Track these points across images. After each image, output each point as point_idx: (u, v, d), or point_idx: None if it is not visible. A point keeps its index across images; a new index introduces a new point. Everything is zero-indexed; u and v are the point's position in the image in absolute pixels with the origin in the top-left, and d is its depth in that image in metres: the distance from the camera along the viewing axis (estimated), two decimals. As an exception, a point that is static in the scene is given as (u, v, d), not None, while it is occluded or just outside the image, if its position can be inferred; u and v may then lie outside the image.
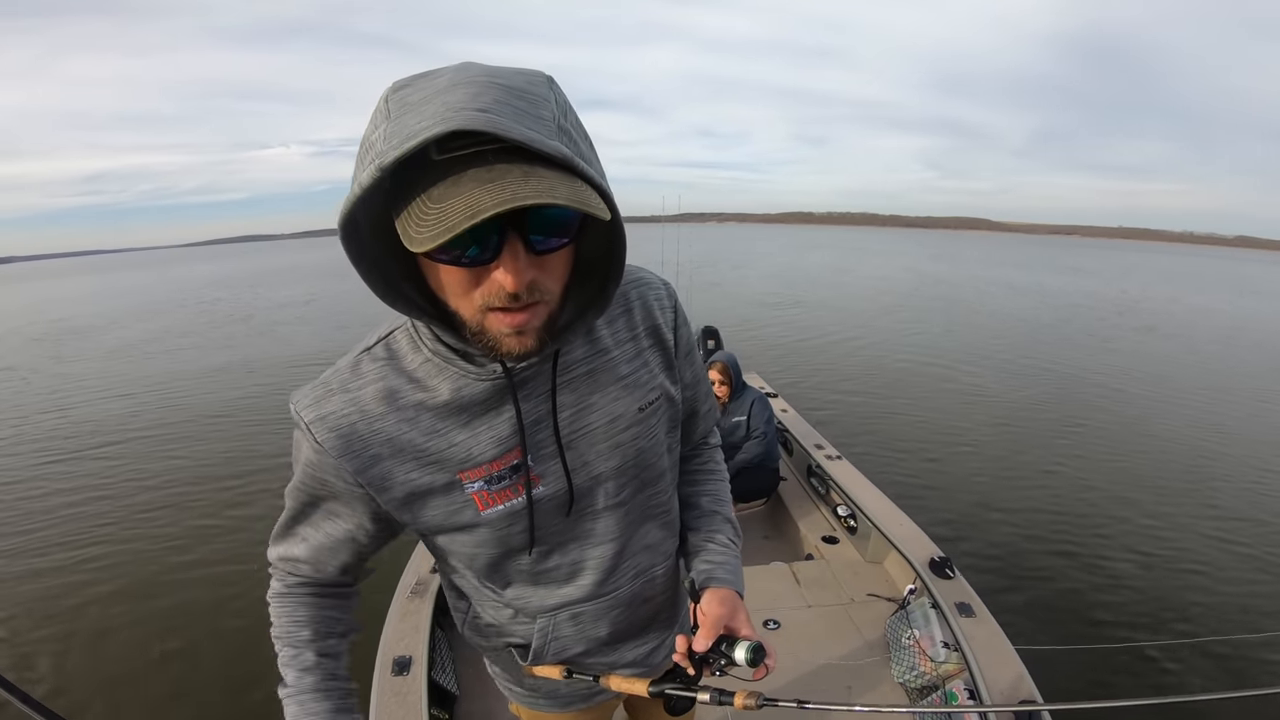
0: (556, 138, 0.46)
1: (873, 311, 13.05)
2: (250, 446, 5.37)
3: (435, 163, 0.44)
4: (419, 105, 0.43)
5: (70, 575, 3.39)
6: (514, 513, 0.66)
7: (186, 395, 7.21)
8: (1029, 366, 8.15)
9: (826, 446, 3.19)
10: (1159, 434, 5.63)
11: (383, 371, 0.61)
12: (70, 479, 4.76)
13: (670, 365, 0.74)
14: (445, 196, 0.43)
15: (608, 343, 0.67)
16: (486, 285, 0.49)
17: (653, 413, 0.71)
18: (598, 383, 0.66)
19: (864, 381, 7.15)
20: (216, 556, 3.56)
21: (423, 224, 0.43)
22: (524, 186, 0.42)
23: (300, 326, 12.62)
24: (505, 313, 0.50)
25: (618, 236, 0.55)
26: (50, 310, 19.65)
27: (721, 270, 22.83)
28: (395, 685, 1.60)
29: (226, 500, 4.28)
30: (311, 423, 0.60)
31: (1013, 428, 5.70)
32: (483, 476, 0.63)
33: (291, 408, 0.62)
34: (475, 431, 0.62)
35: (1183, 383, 7.57)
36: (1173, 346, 10.14)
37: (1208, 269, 38.02)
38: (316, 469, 0.63)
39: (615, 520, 0.72)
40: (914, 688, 1.82)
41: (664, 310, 0.72)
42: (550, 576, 0.73)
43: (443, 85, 0.44)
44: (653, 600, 0.82)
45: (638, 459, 0.70)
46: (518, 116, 0.44)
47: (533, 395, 0.63)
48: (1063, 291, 18.64)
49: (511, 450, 0.63)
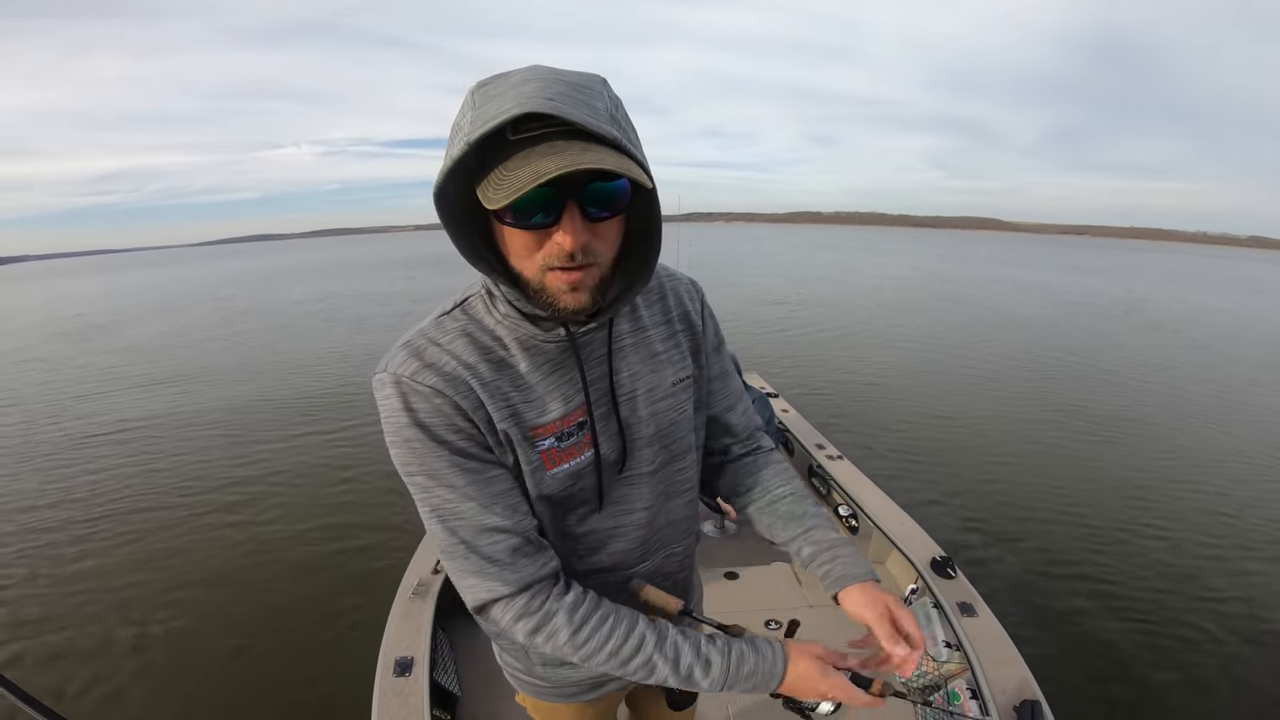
0: (609, 125, 0.55)
1: (872, 308, 13.05)
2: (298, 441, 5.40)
3: (510, 142, 0.53)
4: (498, 96, 0.53)
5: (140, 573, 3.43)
6: (577, 472, 0.71)
7: (225, 388, 7.33)
8: (1031, 366, 8.13)
9: (828, 446, 3.19)
10: (1163, 434, 5.60)
11: (467, 328, 0.68)
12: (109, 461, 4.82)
13: (698, 350, 0.82)
14: (518, 166, 0.52)
15: (646, 321, 0.77)
16: (548, 247, 0.58)
17: (683, 388, 0.79)
18: (640, 354, 0.75)
19: (865, 380, 7.14)
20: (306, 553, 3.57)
21: (499, 187, 0.52)
22: (581, 156, 0.51)
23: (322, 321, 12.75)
24: (564, 271, 0.58)
25: (655, 217, 0.65)
26: (68, 307, 19.96)
27: (728, 270, 22.87)
28: (397, 686, 1.60)
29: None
30: (414, 374, 0.63)
31: (1014, 427, 5.68)
32: (554, 433, 0.69)
33: (383, 375, 0.64)
34: (548, 390, 0.68)
35: (1186, 382, 7.53)
36: (1179, 345, 10.10)
37: (1215, 269, 37.67)
38: (435, 416, 0.63)
39: (649, 488, 0.78)
40: (916, 687, 1.82)
41: (693, 300, 0.83)
42: (586, 541, 0.77)
43: (517, 80, 0.54)
44: (670, 577, 0.85)
45: (671, 429, 0.78)
46: (578, 105, 0.53)
47: (591, 358, 0.70)
48: (1068, 290, 18.59)
49: (578, 408, 0.70)
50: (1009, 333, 10.66)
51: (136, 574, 3.42)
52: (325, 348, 9.78)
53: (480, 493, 0.65)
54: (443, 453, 0.64)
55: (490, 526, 0.65)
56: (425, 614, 1.88)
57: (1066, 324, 11.86)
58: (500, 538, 0.66)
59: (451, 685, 1.80)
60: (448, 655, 1.90)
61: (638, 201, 0.60)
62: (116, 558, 3.60)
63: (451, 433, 0.64)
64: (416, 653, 1.71)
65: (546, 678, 0.88)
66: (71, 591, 3.27)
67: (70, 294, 27.56)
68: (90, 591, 3.27)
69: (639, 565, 0.80)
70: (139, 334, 12.36)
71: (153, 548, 3.70)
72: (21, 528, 4.01)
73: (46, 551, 3.68)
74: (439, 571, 2.09)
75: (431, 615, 1.88)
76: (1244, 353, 9.54)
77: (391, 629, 1.83)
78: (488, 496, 0.65)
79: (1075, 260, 38.81)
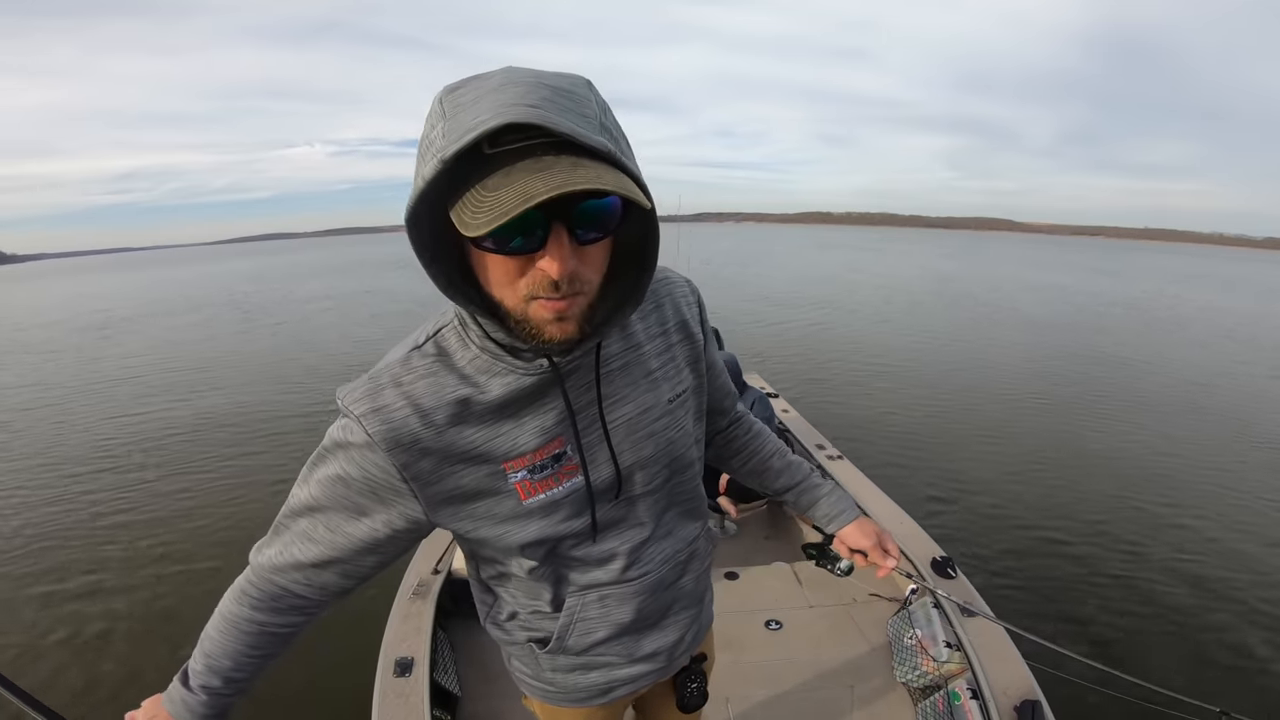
0: (600, 134, 0.49)
1: (873, 308, 13.04)
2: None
3: (488, 157, 0.47)
4: (472, 104, 0.47)
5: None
6: (554, 502, 0.68)
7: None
8: (1031, 366, 8.13)
9: (828, 446, 3.19)
10: (1167, 433, 5.60)
11: (433, 367, 0.63)
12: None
13: (697, 359, 0.79)
14: (499, 185, 0.46)
15: (640, 338, 0.72)
16: (531, 275, 0.52)
17: (680, 405, 0.76)
18: (631, 375, 0.70)
19: (866, 378, 7.14)
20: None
21: (479, 210, 0.46)
22: (573, 174, 0.45)
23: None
24: (549, 301, 0.53)
25: (651, 232, 0.58)
26: (95, 302, 20.35)
27: (735, 269, 22.88)
28: (397, 686, 1.60)
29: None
30: (364, 415, 0.60)
31: (1014, 427, 5.68)
32: (525, 466, 0.66)
33: (340, 401, 0.62)
34: (521, 423, 0.65)
35: (1189, 381, 7.54)
36: (1187, 345, 10.11)
37: (1224, 270, 37.32)
38: (360, 463, 0.62)
39: (647, 507, 0.76)
40: (917, 687, 1.82)
41: (690, 306, 0.78)
42: (582, 562, 0.76)
43: (493, 85, 0.48)
44: (675, 587, 0.84)
45: (668, 448, 0.75)
46: (564, 113, 0.47)
47: (576, 387, 0.66)
48: (1079, 290, 18.56)
49: (554, 440, 0.66)
50: (1011, 333, 10.65)
51: (135, 573, 3.43)
52: (334, 346, 9.86)
53: (344, 540, 0.66)
54: (347, 483, 0.64)
55: (320, 563, 0.68)
56: (425, 614, 1.88)
57: (1067, 324, 11.87)
58: (314, 575, 0.69)
59: (452, 685, 1.79)
60: (448, 655, 1.90)
61: (631, 216, 0.54)
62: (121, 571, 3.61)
63: (362, 494, 0.63)
64: (417, 653, 1.71)
65: (555, 683, 0.87)
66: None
67: (98, 290, 27.92)
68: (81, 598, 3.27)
69: (641, 579, 0.79)
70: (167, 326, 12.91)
71: (149, 548, 3.70)
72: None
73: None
74: (439, 571, 2.09)
75: (432, 615, 1.88)
76: (1247, 353, 9.57)
77: (392, 629, 1.83)
78: (345, 548, 0.67)
79: (1086, 261, 38.58)
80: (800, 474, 0.99)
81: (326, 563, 0.68)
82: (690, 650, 0.91)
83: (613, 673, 0.85)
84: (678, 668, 0.92)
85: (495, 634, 0.88)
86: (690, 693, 0.93)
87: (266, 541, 0.72)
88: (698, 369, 0.79)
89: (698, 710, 0.97)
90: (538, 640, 0.83)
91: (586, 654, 0.82)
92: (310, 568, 0.69)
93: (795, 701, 1.82)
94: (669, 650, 0.86)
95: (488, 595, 0.86)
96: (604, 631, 0.80)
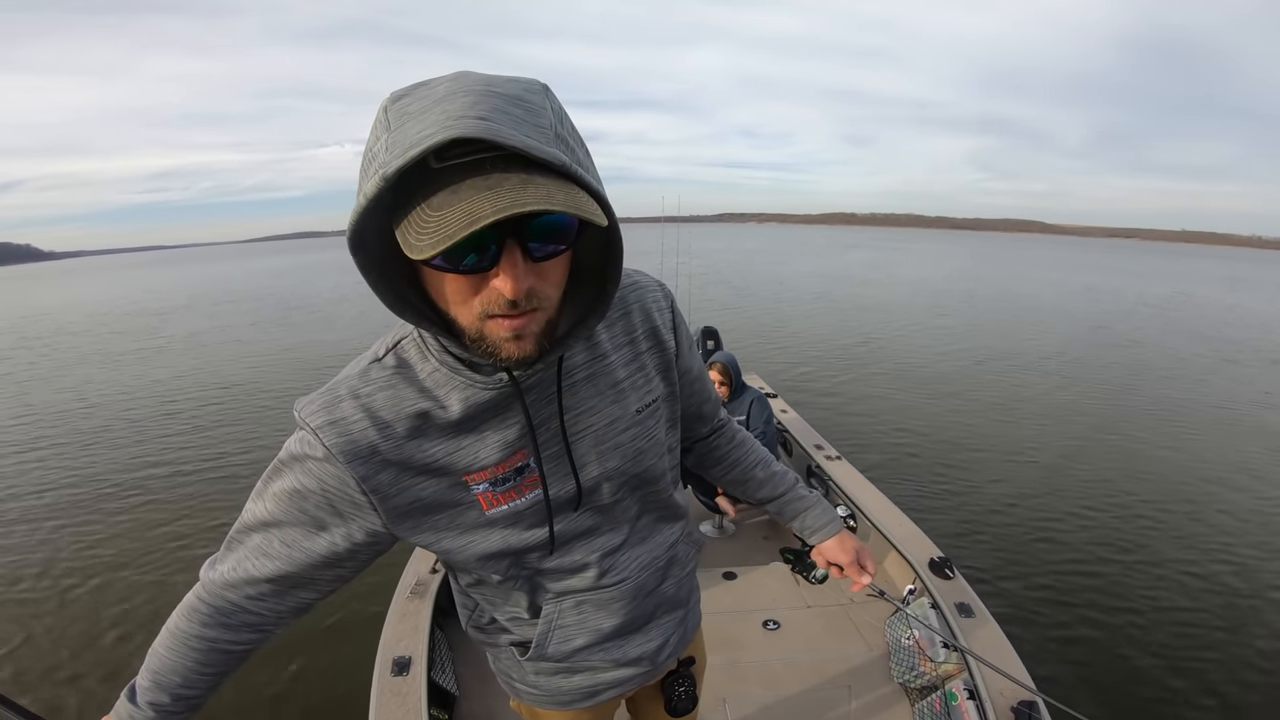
0: (554, 145, 0.46)
1: (892, 307, 13.06)
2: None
3: (434, 171, 0.44)
4: (419, 115, 0.44)
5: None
6: (518, 513, 0.67)
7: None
8: (1033, 366, 8.13)
9: (826, 447, 3.19)
10: (1170, 433, 5.60)
11: (392, 380, 0.61)
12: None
13: (669, 367, 0.76)
14: (444, 204, 0.43)
15: (606, 348, 0.69)
16: (486, 293, 0.50)
17: (650, 414, 0.73)
18: (596, 387, 0.68)
19: (867, 378, 7.14)
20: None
21: (423, 232, 0.43)
22: (522, 194, 0.42)
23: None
24: (505, 319, 0.51)
25: (615, 242, 0.55)
26: (144, 298, 21.31)
27: (744, 270, 22.86)
28: (395, 685, 1.60)
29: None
30: (320, 428, 0.59)
31: (1014, 427, 5.68)
32: (488, 479, 0.65)
33: (296, 414, 0.61)
34: (482, 436, 0.63)
35: (1191, 382, 7.54)
36: (1195, 348, 10.11)
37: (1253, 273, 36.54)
38: (318, 476, 0.61)
39: (618, 515, 0.75)
40: (914, 687, 1.82)
41: (661, 312, 0.75)
42: (554, 573, 0.75)
43: (441, 94, 0.45)
44: (656, 593, 0.83)
45: (636, 459, 0.73)
46: (516, 124, 0.44)
47: (538, 400, 0.64)
48: (1104, 291, 18.49)
49: (516, 453, 0.65)
50: (1015, 332, 10.65)
51: (129, 570, 3.44)
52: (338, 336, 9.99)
53: (301, 555, 0.65)
54: (305, 496, 0.62)
55: (275, 578, 0.67)
56: (423, 613, 1.88)
57: (1070, 322, 11.86)
58: (269, 590, 0.68)
59: (449, 685, 1.80)
60: (445, 655, 1.90)
61: (593, 226, 0.49)
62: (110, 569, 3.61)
63: (320, 508, 0.62)
64: (414, 652, 1.71)
65: (540, 686, 0.87)
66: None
67: (147, 285, 28.80)
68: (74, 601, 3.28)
69: (618, 585, 0.78)
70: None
71: (146, 544, 3.71)
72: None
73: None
74: (437, 571, 2.09)
75: (429, 615, 1.88)
76: (1246, 353, 9.56)
77: (389, 628, 1.83)
78: (302, 563, 0.65)
79: (1112, 262, 38.19)
80: (784, 485, 0.98)
81: (282, 578, 0.67)
82: (676, 653, 0.90)
83: (596, 676, 0.85)
84: (664, 671, 0.92)
85: (477, 637, 0.87)
86: (678, 696, 0.93)
87: (219, 557, 0.70)
88: (669, 376, 0.76)
89: (689, 714, 0.97)
90: (518, 645, 0.82)
91: (568, 660, 0.81)
92: (265, 583, 0.67)
93: (793, 702, 1.82)
94: (653, 655, 0.85)
95: (468, 601, 0.86)
96: (583, 638, 0.79)
